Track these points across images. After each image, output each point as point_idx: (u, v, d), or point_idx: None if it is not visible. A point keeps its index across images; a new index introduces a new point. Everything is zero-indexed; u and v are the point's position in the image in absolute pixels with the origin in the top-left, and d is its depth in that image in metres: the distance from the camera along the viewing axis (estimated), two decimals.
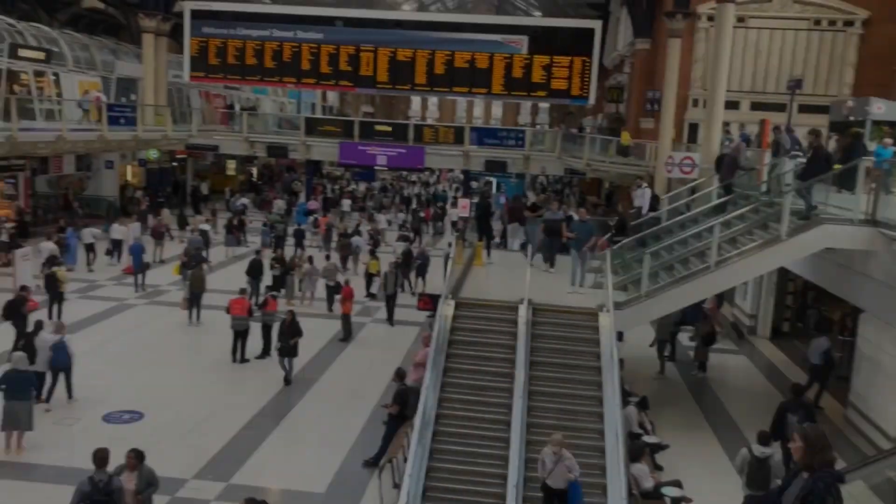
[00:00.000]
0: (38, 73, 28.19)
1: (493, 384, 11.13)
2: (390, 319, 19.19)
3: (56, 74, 29.08)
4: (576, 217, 16.06)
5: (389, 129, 35.30)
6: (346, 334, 17.91)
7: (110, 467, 8.32)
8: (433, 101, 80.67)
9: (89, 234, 23.42)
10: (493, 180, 42.03)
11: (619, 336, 13.40)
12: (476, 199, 24.68)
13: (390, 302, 19.24)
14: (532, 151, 33.27)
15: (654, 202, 19.09)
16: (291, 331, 14.66)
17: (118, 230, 24.21)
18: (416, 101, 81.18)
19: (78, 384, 13.26)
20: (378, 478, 10.73)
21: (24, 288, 15.32)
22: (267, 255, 22.39)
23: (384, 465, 10.79)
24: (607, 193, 38.60)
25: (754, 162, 17.67)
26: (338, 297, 18.95)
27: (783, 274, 18.26)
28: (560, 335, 12.02)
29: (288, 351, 14.65)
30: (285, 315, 15.02)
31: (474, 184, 41.20)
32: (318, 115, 50.66)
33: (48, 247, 20.13)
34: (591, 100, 32.84)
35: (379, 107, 70.81)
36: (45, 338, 12.87)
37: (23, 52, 27.04)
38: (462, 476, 9.83)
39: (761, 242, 13.06)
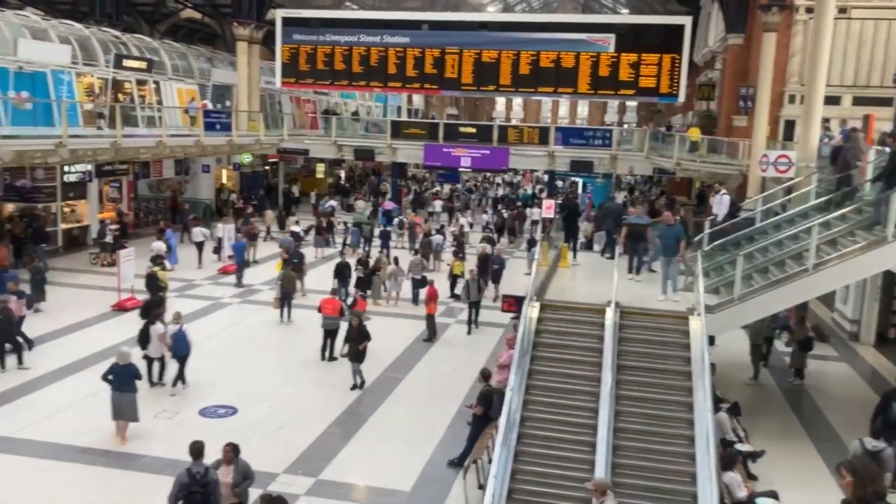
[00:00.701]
0: (141, 82, 29.64)
1: (578, 387, 11.00)
2: (471, 323, 18.75)
3: (157, 83, 30.50)
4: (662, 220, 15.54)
5: (474, 130, 35.38)
6: (431, 334, 18.05)
7: (208, 460, 8.66)
8: (518, 101, 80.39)
9: (199, 233, 24.93)
10: (579, 180, 41.51)
11: (711, 340, 12.99)
12: (560, 200, 24.41)
13: (473, 309, 18.82)
14: (619, 151, 32.69)
15: (734, 209, 18.43)
16: (359, 335, 14.41)
17: (222, 229, 25.47)
18: (500, 102, 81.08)
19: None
20: (462, 478, 10.76)
21: (162, 290, 16.13)
22: (355, 256, 22.88)
23: (469, 466, 10.82)
24: (698, 194, 37.49)
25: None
26: (423, 291, 19.07)
27: (889, 277, 17.30)
28: (648, 339, 11.77)
29: (356, 356, 14.41)
30: (352, 321, 14.71)
31: (559, 183, 40.80)
32: (404, 118, 51.27)
33: (158, 246, 21.77)
34: (681, 97, 31.98)
35: (463, 109, 71.09)
36: (162, 328, 13.99)
37: (127, 63, 28.46)
38: (547, 479, 9.75)
39: (865, 244, 12.41)
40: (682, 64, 30.70)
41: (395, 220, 31.37)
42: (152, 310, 14.77)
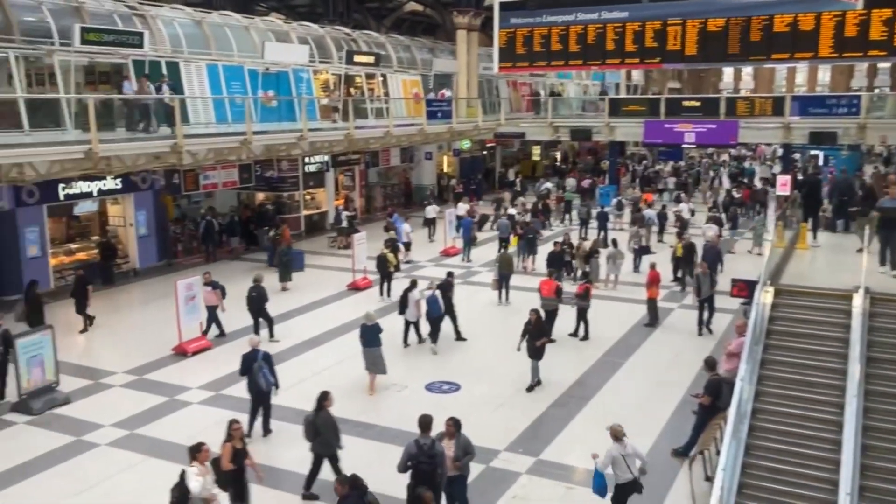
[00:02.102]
0: (369, 76, 31.53)
1: (820, 380, 10.10)
2: (702, 326, 16.84)
3: (384, 75, 32.28)
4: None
5: (698, 103, 33.47)
6: (653, 319, 17.46)
7: (432, 434, 9.06)
8: (748, 71, 74.85)
9: (433, 210, 27.17)
10: (819, 153, 37.84)
11: None
12: (801, 176, 22.37)
13: (705, 307, 16.80)
14: (869, 119, 29.25)
15: None
16: (537, 332, 13.75)
17: (462, 207, 27.29)
18: (727, 72, 76.00)
19: (401, 355, 14.73)
20: (688, 469, 10.32)
21: (450, 274, 17.20)
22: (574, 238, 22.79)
23: (695, 457, 10.36)
24: None
25: None
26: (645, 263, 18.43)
27: None
28: None
29: (534, 353, 13.72)
30: (530, 315, 13.85)
31: (797, 156, 37.48)
32: (622, 94, 49.86)
33: (405, 228, 23.83)
34: None
35: (687, 82, 67.61)
36: (418, 294, 15.73)
37: (357, 58, 30.40)
38: (783, 476, 9.08)
39: None
40: None
41: (613, 201, 30.68)
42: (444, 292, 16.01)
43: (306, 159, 27.63)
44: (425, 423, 8.94)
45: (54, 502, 10.02)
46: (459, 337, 16.37)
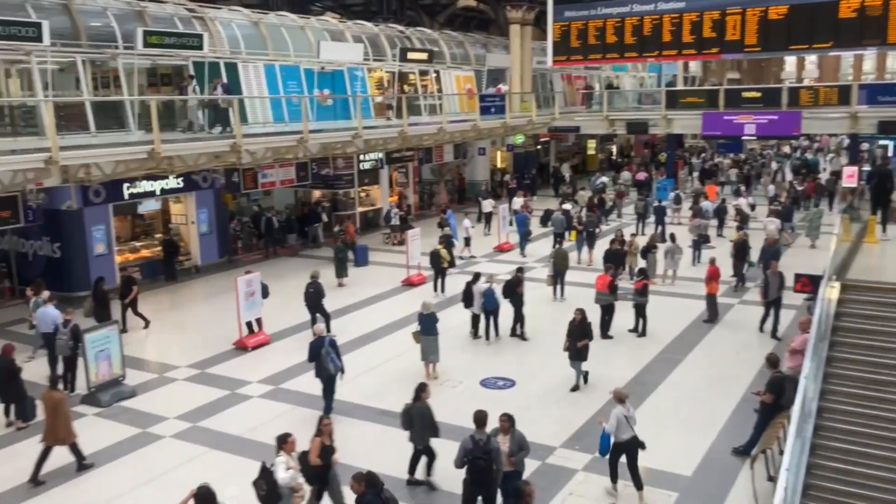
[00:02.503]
0: (423, 73, 31.63)
1: (890, 378, 9.73)
2: (774, 332, 15.92)
3: (437, 72, 32.34)
4: None
5: (759, 94, 32.57)
6: (712, 315, 17.10)
7: (487, 429, 9.06)
8: (811, 59, 72.58)
9: (489, 204, 27.38)
10: (889, 143, 36.45)
11: None
12: (869, 167, 21.61)
13: (772, 308, 15.90)
14: None
15: None
16: (580, 332, 13.32)
17: (517, 202, 27.37)
18: (790, 61, 73.82)
19: (456, 350, 14.77)
20: (749, 468, 10.08)
21: (520, 269, 17.15)
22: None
23: (756, 456, 10.11)
24: None
25: None
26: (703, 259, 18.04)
27: None
28: None
29: (575, 353, 13.38)
30: (574, 315, 13.55)
31: (865, 146, 36.19)
32: (680, 86, 48.89)
33: (465, 223, 24.12)
34: None
35: (746, 72, 65.90)
36: (483, 286, 15.99)
37: (411, 55, 30.53)
38: (849, 477, 8.81)
39: None
40: None
41: (671, 195, 30.14)
42: (513, 290, 16.11)
43: (361, 157, 27.89)
44: (480, 419, 8.94)
45: (123, 492, 10.36)
46: (522, 336, 16.28)
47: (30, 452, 11.51)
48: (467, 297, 16.19)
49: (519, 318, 16.34)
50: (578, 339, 13.20)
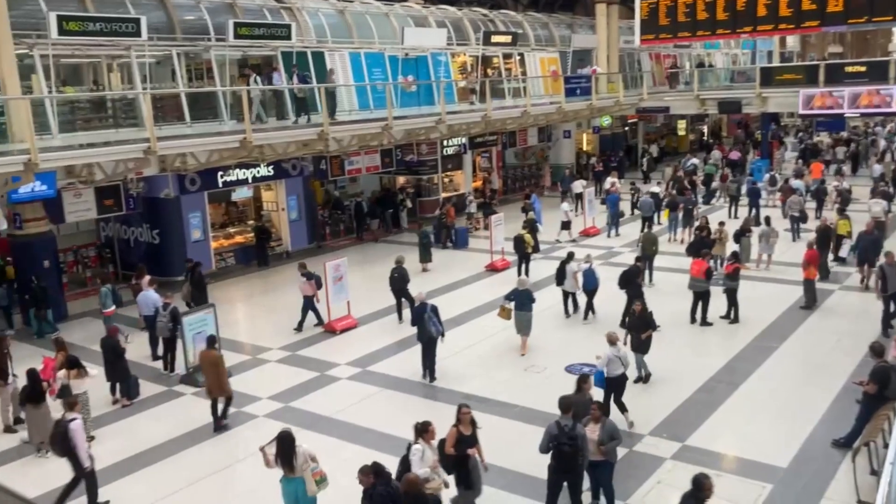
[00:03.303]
0: (506, 56, 31.38)
1: None
2: (887, 325, 14.67)
3: (521, 55, 32.02)
4: None
5: (863, 68, 30.82)
6: (810, 301, 16.36)
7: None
8: None
9: (580, 184, 27.55)
10: None
11: None
12: None
13: (890, 303, 14.59)
14: None
15: None
16: (642, 323, 12.74)
17: (609, 181, 27.61)
18: None
19: (540, 336, 14.74)
20: (851, 461, 9.62)
21: (638, 259, 16.78)
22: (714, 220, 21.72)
23: (859, 449, 9.63)
24: None
25: None
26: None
27: None
28: None
29: (637, 346, 12.71)
30: (634, 306, 13.21)
31: None
32: (776, 63, 46.80)
33: (564, 207, 24.01)
34: None
35: (850, 45, 62.50)
36: (576, 266, 16.27)
37: (494, 38, 30.31)
38: None
39: None
40: None
41: (766, 176, 28.93)
42: (631, 280, 15.45)
43: (444, 142, 27.97)
44: (566, 404, 8.86)
45: (219, 468, 10.81)
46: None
47: (133, 428, 12.18)
48: (560, 276, 16.42)
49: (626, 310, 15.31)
50: (641, 330, 12.68)
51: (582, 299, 16.53)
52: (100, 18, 17.45)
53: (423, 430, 8.47)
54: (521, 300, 14.41)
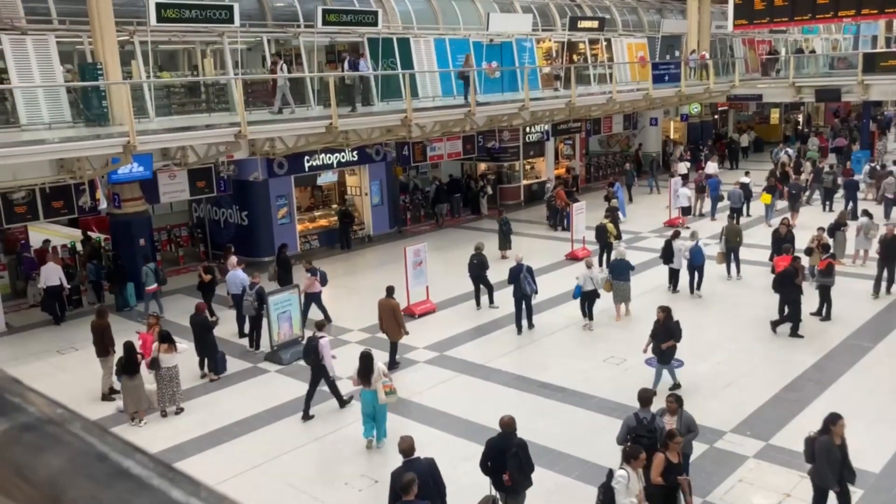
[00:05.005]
0: (593, 41, 30.82)
1: None
2: None
3: (608, 40, 31.39)
4: None
5: None
6: None
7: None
8: None
9: (684, 166, 28.59)
10: None
11: None
12: None
13: None
14: None
15: None
16: (665, 332, 11.88)
17: (711, 167, 27.58)
18: None
19: (618, 327, 14.51)
20: None
21: (796, 259, 15.66)
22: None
23: None
24: None
25: None
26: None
27: None
28: None
29: (660, 356, 11.96)
30: (657, 313, 12.27)
31: None
32: (881, 48, 44.34)
33: (685, 192, 24.25)
34: None
35: None
36: (682, 244, 16.79)
37: (581, 24, 29.81)
38: None
39: None
40: None
41: (867, 167, 27.49)
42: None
43: (527, 129, 27.75)
44: (646, 397, 8.74)
45: (300, 444, 11.13)
46: (796, 332, 14.31)
47: (219, 402, 12.67)
48: (666, 254, 16.94)
49: (793, 315, 14.26)
50: (662, 340, 11.89)
51: (684, 278, 16.93)
52: (195, 6, 18.06)
53: (632, 455, 7.58)
54: (619, 269, 15.31)
